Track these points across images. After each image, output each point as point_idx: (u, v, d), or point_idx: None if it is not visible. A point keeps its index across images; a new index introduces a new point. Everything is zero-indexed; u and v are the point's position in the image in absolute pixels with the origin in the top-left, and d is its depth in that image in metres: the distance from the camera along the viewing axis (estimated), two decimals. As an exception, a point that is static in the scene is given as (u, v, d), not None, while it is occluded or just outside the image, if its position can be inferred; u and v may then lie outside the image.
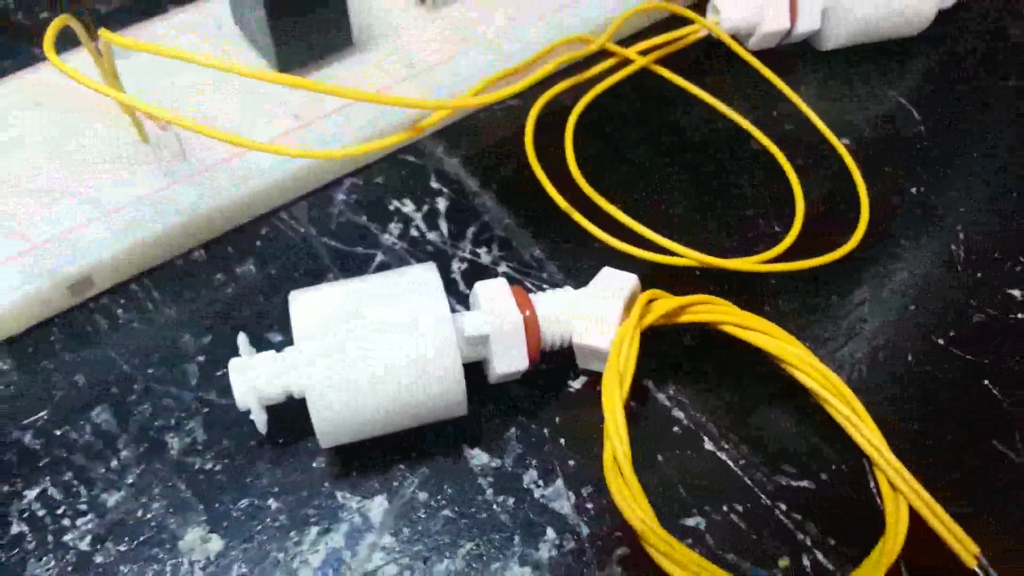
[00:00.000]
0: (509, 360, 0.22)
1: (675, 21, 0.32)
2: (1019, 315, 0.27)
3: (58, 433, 0.24)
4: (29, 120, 0.28)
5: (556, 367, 0.25)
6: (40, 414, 0.24)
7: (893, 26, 0.33)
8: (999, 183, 0.30)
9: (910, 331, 0.26)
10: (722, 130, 0.31)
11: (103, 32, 0.22)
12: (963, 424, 0.24)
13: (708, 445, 0.24)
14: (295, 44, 0.29)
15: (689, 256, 0.26)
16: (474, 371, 0.23)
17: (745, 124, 0.31)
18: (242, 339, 0.22)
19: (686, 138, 0.31)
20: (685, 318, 0.24)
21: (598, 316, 0.23)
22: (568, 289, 0.24)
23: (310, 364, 0.20)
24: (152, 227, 0.26)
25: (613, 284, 0.23)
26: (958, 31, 0.35)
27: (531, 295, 0.23)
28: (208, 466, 0.23)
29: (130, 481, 0.23)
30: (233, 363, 0.22)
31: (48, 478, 0.23)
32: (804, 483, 0.23)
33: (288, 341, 0.25)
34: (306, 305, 0.21)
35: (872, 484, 0.23)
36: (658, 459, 0.23)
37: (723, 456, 0.24)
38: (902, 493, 0.22)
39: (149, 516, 0.22)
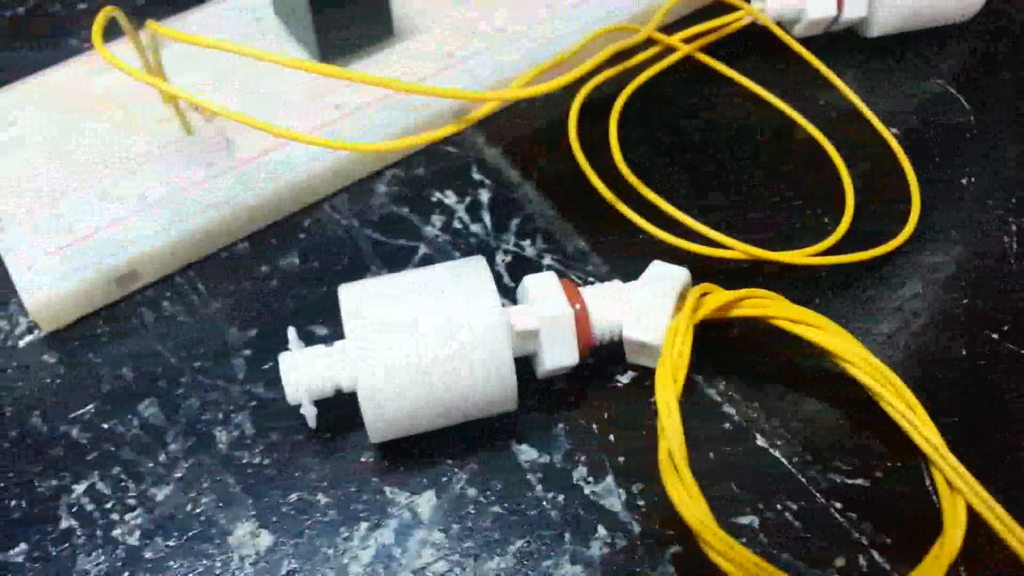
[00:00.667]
0: (559, 355, 0.22)
1: (719, 9, 0.32)
2: (1077, 309, 0.26)
3: (105, 427, 0.24)
4: (70, 115, 0.28)
5: (603, 361, 0.24)
6: (87, 407, 0.24)
7: (941, 12, 0.32)
8: (1053, 173, 0.30)
9: (963, 324, 0.26)
10: (768, 119, 0.31)
11: (151, 24, 0.22)
12: (1020, 420, 0.24)
13: (760, 441, 0.23)
14: (337, 34, 0.29)
15: (738, 249, 0.26)
16: (521, 365, 0.23)
17: (791, 113, 0.31)
18: (292, 333, 0.22)
19: (732, 127, 0.30)
20: (736, 312, 0.23)
21: (650, 310, 0.22)
22: (617, 282, 0.23)
23: (362, 359, 0.20)
24: (196, 220, 0.26)
25: (664, 278, 0.23)
26: (1007, 17, 0.34)
27: (581, 288, 0.23)
28: (256, 460, 0.23)
29: (179, 475, 0.23)
30: (283, 357, 0.22)
31: (96, 472, 0.23)
32: (859, 481, 0.23)
33: (334, 334, 0.25)
34: (356, 299, 0.21)
35: (929, 482, 0.23)
36: (710, 456, 0.23)
37: (776, 453, 0.23)
38: (960, 492, 0.22)
39: (198, 511, 0.22)
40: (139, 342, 0.25)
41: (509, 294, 0.26)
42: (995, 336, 0.26)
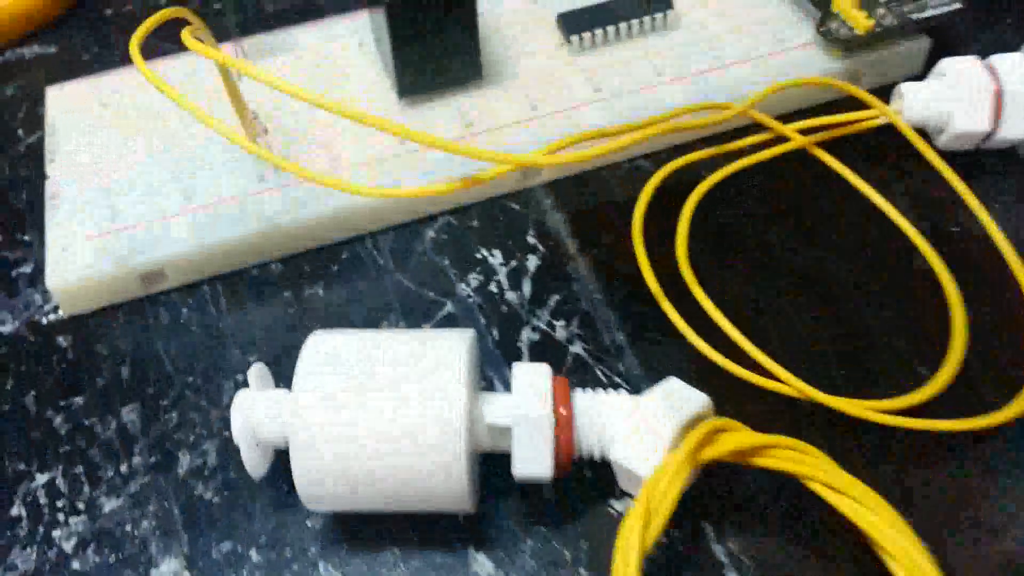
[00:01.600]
0: (530, 462, 0.19)
1: (845, 105, 0.28)
2: None
3: (86, 422, 0.23)
4: (152, 99, 0.29)
5: (602, 479, 0.21)
6: (77, 398, 0.24)
7: None
8: None
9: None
10: (882, 238, 0.26)
11: (242, 66, 0.21)
12: None
13: (756, 623, 0.19)
14: (419, 71, 0.27)
15: (790, 384, 0.22)
16: (503, 463, 0.20)
17: (913, 235, 0.26)
18: (255, 370, 0.20)
19: (834, 241, 0.26)
20: (761, 462, 0.20)
21: (647, 435, 0.19)
22: (623, 392, 0.20)
23: (299, 410, 0.19)
24: (234, 232, 0.25)
25: (675, 400, 0.19)
26: None
27: (576, 391, 0.20)
28: (208, 495, 0.22)
29: (132, 490, 0.22)
30: (239, 394, 0.20)
31: (61, 467, 0.23)
32: None
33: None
34: (319, 348, 0.20)
35: None
36: (689, 623, 0.19)
37: (771, 641, 0.19)
38: None
39: (136, 533, 0.21)
40: (146, 344, 0.25)
41: (522, 377, 0.23)
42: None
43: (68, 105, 0.29)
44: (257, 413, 0.20)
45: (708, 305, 0.23)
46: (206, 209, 0.26)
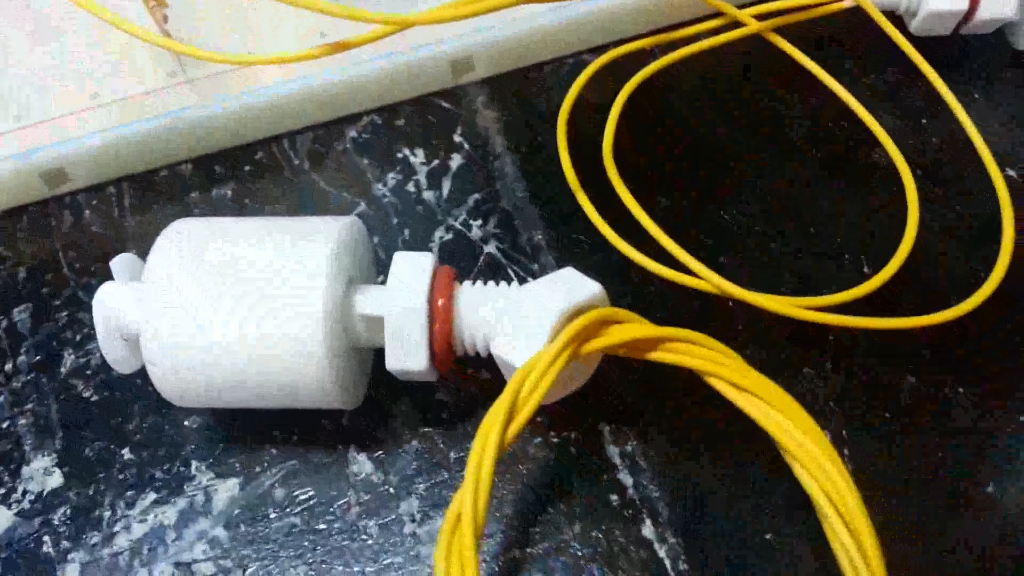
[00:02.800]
0: (402, 355, 0.17)
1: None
2: None
3: (-23, 321, 0.22)
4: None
5: (500, 379, 0.20)
6: (-30, 299, 0.23)
7: None
8: None
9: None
10: (843, 131, 0.24)
11: None
12: None
13: (647, 531, 0.17)
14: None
15: (709, 281, 0.19)
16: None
17: (876, 128, 0.23)
18: (118, 261, 0.19)
19: (787, 131, 0.24)
20: (658, 356, 0.18)
21: (526, 324, 0.17)
22: (513, 284, 0.18)
23: (147, 300, 0.17)
24: (140, 128, 0.24)
25: (563, 288, 0.17)
26: None
27: (463, 283, 0.18)
28: (87, 394, 0.21)
29: (15, 386, 0.21)
30: (103, 286, 0.19)
31: (-52, 365, 0.22)
32: (764, 622, 0.16)
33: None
34: (179, 235, 0.18)
35: (864, 656, 0.16)
36: (575, 529, 0.18)
37: (661, 551, 0.17)
38: None
39: (13, 430, 0.20)
40: (46, 245, 0.24)
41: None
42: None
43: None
44: (119, 305, 0.18)
45: (628, 199, 0.21)
46: (110, 106, 0.24)
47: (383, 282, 0.21)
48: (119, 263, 0.19)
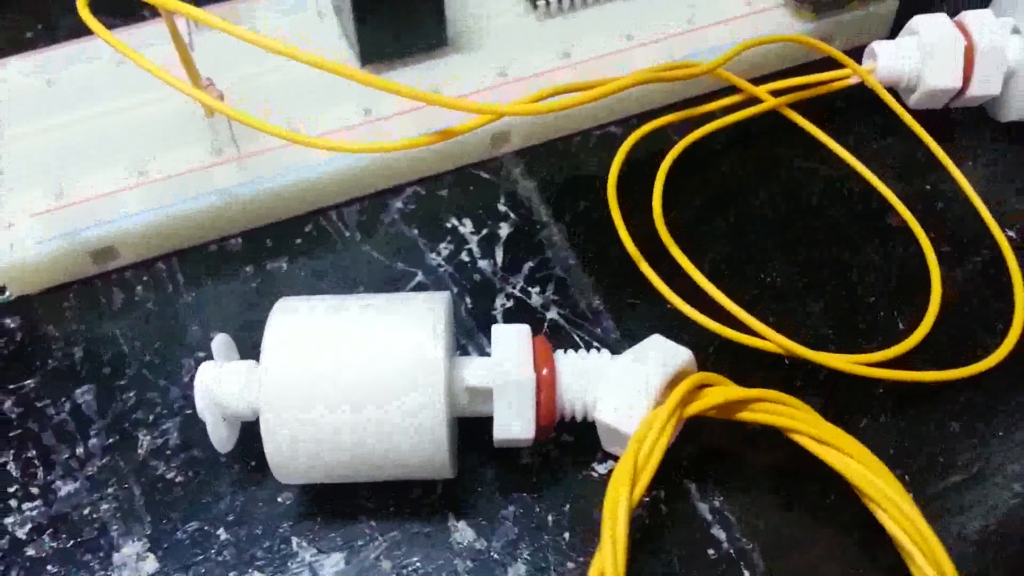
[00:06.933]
0: (512, 424, 0.18)
1: (817, 68, 0.27)
2: None
3: (38, 405, 0.22)
4: (99, 74, 0.27)
5: (584, 441, 0.21)
6: (27, 381, 0.23)
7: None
8: None
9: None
10: (857, 197, 0.26)
11: (202, 15, 0.20)
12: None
13: (747, 580, 0.19)
14: (381, 37, 0.27)
15: (772, 340, 0.21)
16: (483, 427, 0.20)
17: (886, 193, 0.26)
18: (219, 340, 0.19)
19: (809, 200, 0.26)
20: (747, 416, 0.19)
21: (629, 392, 0.18)
22: (605, 353, 0.20)
23: (269, 380, 0.18)
24: (189, 206, 0.24)
25: (658, 356, 0.19)
26: None
27: (558, 352, 0.19)
28: (170, 475, 0.21)
29: (89, 473, 0.21)
30: (202, 366, 0.19)
31: (12, 452, 0.21)
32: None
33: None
34: (286, 314, 0.19)
35: None
36: (678, 584, 0.19)
37: (762, 599, 0.18)
38: None
39: (95, 516, 0.20)
40: (100, 324, 0.24)
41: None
42: (1095, 510, 0.20)
43: (11, 83, 0.28)
44: (223, 385, 0.19)
45: (687, 264, 0.23)
46: (158, 183, 0.25)
47: (460, 354, 0.22)
48: (219, 343, 0.19)
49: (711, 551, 0.19)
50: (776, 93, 0.27)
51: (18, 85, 0.28)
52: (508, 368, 0.18)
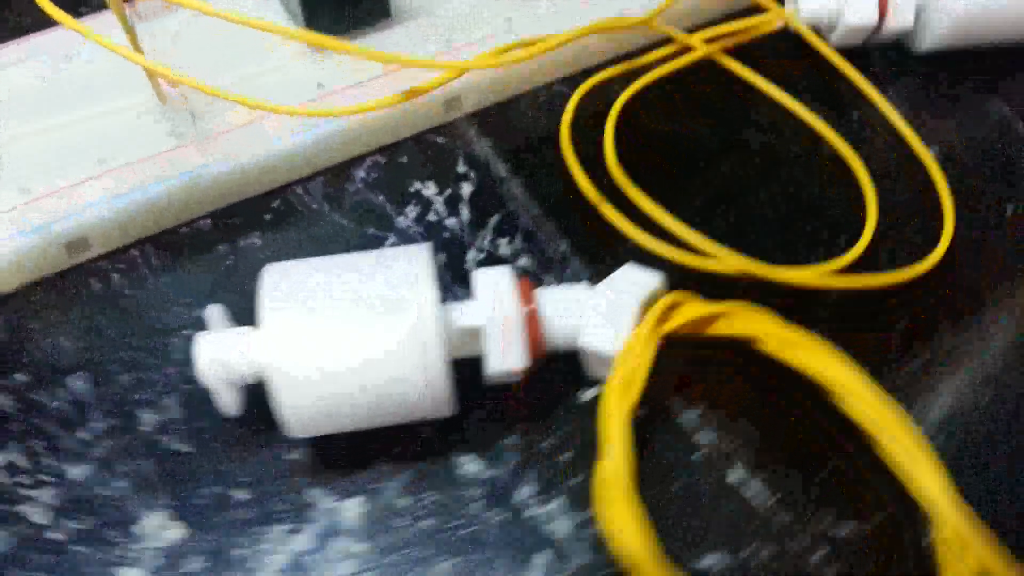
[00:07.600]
0: (504, 357, 0.20)
1: (747, 12, 0.29)
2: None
3: (34, 397, 0.22)
4: (51, 70, 0.27)
5: (566, 373, 0.22)
6: (18, 375, 0.23)
7: (1001, 29, 0.29)
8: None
9: (994, 368, 0.22)
10: (792, 132, 0.28)
11: None
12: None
13: (733, 477, 0.21)
14: (326, 12, 0.27)
15: (729, 261, 0.23)
16: (473, 367, 0.21)
17: (819, 126, 0.28)
18: (212, 311, 0.20)
19: (748, 138, 0.28)
20: (716, 329, 0.21)
21: (610, 317, 0.20)
22: (583, 285, 0.21)
23: (274, 344, 0.18)
24: (156, 190, 0.25)
25: (632, 282, 0.20)
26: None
27: (539, 289, 0.21)
28: (179, 447, 0.21)
29: (98, 454, 0.21)
30: (198, 337, 0.20)
31: (16, 443, 0.22)
32: (845, 532, 0.20)
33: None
34: (279, 278, 0.19)
35: (926, 542, 0.19)
36: (671, 488, 0.20)
37: (749, 492, 0.20)
38: (963, 558, 0.19)
39: (111, 494, 0.21)
40: (81, 313, 0.24)
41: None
42: (1025, 383, 0.22)
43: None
44: (225, 350, 0.19)
45: (643, 201, 0.24)
46: (123, 170, 0.25)
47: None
48: (213, 313, 0.20)
49: (697, 455, 0.21)
50: (709, 41, 0.29)
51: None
52: (496, 305, 0.19)
